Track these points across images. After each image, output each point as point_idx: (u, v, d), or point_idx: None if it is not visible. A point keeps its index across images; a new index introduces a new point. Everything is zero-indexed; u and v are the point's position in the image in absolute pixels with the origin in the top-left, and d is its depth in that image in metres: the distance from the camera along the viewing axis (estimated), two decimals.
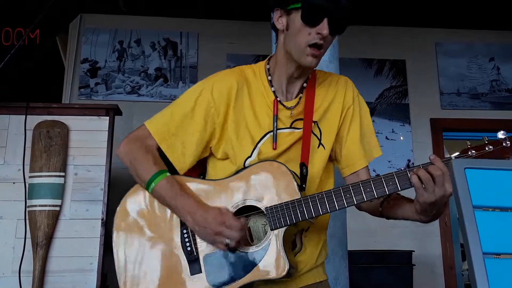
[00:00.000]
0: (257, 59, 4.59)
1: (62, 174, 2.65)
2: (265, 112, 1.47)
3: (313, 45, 1.36)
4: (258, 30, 4.32)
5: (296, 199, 1.33)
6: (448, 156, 1.33)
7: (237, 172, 1.41)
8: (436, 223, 4.37)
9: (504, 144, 1.32)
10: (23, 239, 2.54)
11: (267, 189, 1.36)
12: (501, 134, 1.32)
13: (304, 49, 1.37)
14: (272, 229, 1.33)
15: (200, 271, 1.36)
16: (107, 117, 2.79)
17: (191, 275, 1.36)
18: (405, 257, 3.87)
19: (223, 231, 1.30)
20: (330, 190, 1.34)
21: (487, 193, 1.10)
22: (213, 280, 1.34)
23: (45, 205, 2.57)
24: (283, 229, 1.33)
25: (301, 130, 1.47)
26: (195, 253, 1.38)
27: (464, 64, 4.81)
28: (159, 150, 1.47)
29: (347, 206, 1.33)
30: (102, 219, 2.65)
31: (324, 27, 1.33)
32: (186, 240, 1.39)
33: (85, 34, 4.50)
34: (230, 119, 1.45)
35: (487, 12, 4.53)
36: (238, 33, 4.63)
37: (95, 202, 2.68)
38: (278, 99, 1.48)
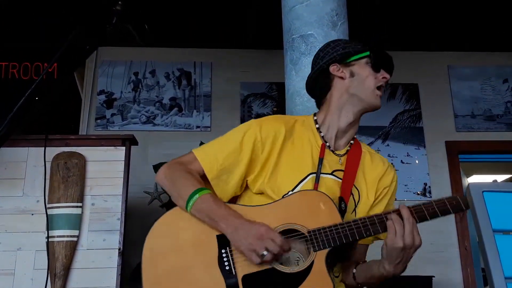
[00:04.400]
0: (270, 86, 4.64)
1: (80, 204, 2.67)
2: (310, 154, 1.55)
3: (378, 88, 1.58)
4: (271, 58, 4.38)
5: (339, 223, 1.38)
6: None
7: (277, 200, 1.46)
8: (456, 248, 4.29)
9: None
10: (42, 270, 2.55)
11: (309, 214, 1.40)
12: None
13: (374, 90, 1.57)
14: (315, 251, 1.35)
15: None
16: (123, 147, 2.82)
17: None
18: (425, 283, 3.79)
19: (265, 240, 1.31)
20: (370, 216, 1.40)
21: (507, 216, 1.09)
22: None
23: (63, 236, 2.59)
24: (326, 250, 1.35)
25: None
26: (233, 273, 1.35)
27: (478, 86, 4.79)
28: (202, 178, 1.52)
29: (382, 232, 1.39)
30: (119, 249, 2.65)
31: (385, 73, 1.59)
32: (225, 259, 1.37)
33: (101, 67, 4.60)
34: (272, 158, 1.52)
35: (498, 34, 4.54)
36: (251, 62, 4.70)
37: (112, 232, 2.68)
38: (328, 144, 1.59)
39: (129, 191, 2.78)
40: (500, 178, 7.42)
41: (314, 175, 1.51)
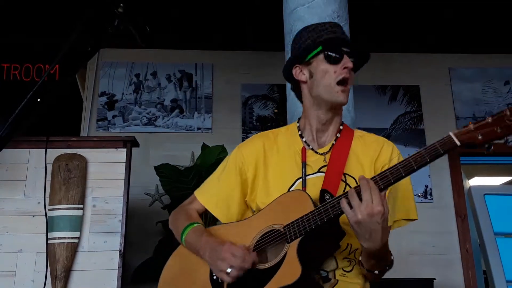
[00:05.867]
0: (271, 88, 4.64)
1: (81, 206, 2.67)
2: (294, 161, 1.57)
3: (340, 82, 1.50)
4: (272, 59, 4.38)
5: (310, 212, 1.36)
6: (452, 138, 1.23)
7: (261, 210, 1.52)
8: (457, 250, 4.29)
9: (505, 113, 1.24)
10: (42, 272, 2.55)
11: (286, 212, 1.42)
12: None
13: (333, 87, 1.50)
14: (288, 242, 1.38)
15: None
16: (125, 149, 2.82)
17: None
18: (426, 285, 3.78)
19: (227, 258, 1.39)
20: (337, 196, 1.34)
21: (508, 219, 1.09)
22: None
23: (64, 238, 2.59)
24: (298, 240, 1.36)
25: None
26: (220, 280, 1.45)
27: (479, 88, 4.79)
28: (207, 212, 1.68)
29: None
30: (120, 251, 2.65)
31: (347, 61, 1.50)
32: (214, 274, 1.48)
33: (102, 68, 4.61)
34: (260, 175, 1.60)
35: (500, 36, 4.54)
36: (252, 63, 4.70)
37: (113, 234, 2.68)
38: (311, 147, 1.59)
39: (130, 192, 2.78)
40: (502, 180, 7.41)
41: (301, 180, 1.53)
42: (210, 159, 3.81)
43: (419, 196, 4.36)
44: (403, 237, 4.17)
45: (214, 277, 1.47)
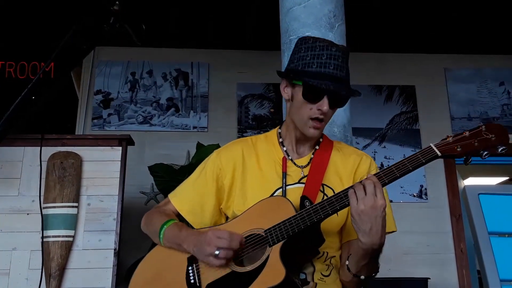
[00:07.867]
0: (267, 87, 4.64)
1: (75, 204, 2.67)
2: (274, 170, 1.57)
3: (314, 118, 1.48)
4: (268, 59, 4.38)
5: (292, 216, 1.39)
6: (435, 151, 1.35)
7: (240, 215, 1.51)
8: (451, 249, 4.30)
9: (481, 129, 1.34)
10: (37, 270, 2.54)
11: (266, 217, 1.43)
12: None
13: (306, 121, 1.49)
14: (270, 246, 1.39)
15: None
16: (120, 148, 2.82)
17: None
18: (420, 285, 3.79)
19: (213, 240, 1.38)
20: (319, 202, 1.39)
21: (502, 219, 1.09)
22: None
23: (59, 236, 2.58)
24: (280, 243, 1.38)
25: None
26: (197, 284, 1.44)
27: (474, 89, 4.81)
28: (180, 216, 1.65)
29: (331, 214, 1.38)
30: (114, 249, 2.65)
31: (324, 104, 1.44)
32: (191, 275, 1.47)
33: (98, 66, 4.59)
34: (237, 182, 1.59)
35: (495, 37, 4.56)
36: (248, 63, 4.70)
37: (107, 232, 2.68)
38: (290, 157, 1.59)
39: (125, 191, 2.78)
40: (497, 180, 7.45)
41: (281, 190, 1.53)
42: (205, 158, 3.80)
43: (414, 196, 4.37)
44: (398, 236, 4.17)
45: (192, 280, 1.46)
